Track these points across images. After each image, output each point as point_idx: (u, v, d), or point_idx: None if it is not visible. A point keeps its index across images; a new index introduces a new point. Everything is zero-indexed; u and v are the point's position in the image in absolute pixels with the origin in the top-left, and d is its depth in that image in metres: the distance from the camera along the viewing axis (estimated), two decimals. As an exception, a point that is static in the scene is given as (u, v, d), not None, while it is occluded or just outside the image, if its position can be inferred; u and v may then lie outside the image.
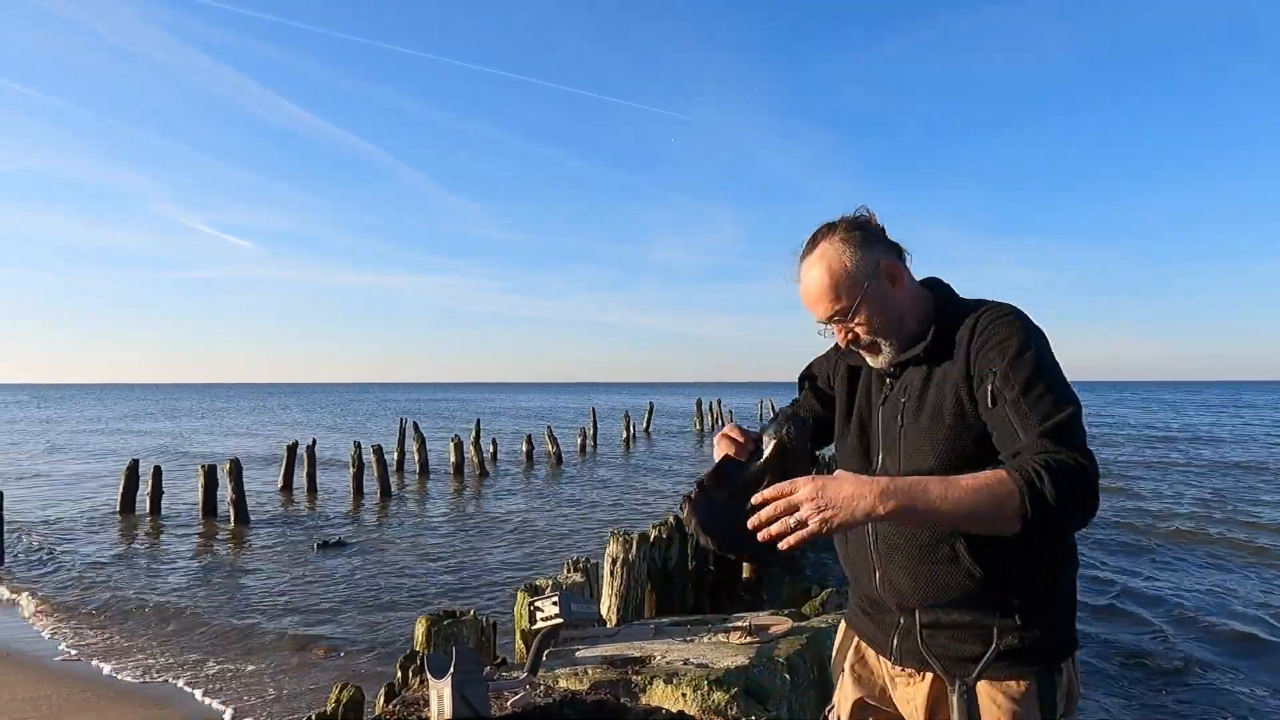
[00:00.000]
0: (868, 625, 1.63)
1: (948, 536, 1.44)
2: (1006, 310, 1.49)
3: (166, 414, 60.91)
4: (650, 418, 39.91)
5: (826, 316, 1.56)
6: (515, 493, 17.84)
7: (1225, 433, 35.70)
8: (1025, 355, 1.39)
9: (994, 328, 1.45)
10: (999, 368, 1.40)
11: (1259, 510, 14.64)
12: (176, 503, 15.44)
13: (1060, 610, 1.49)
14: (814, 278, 1.55)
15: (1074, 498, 1.26)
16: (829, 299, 1.54)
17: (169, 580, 9.95)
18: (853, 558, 1.62)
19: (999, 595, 1.44)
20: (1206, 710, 5.76)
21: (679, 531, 6.38)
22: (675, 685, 2.68)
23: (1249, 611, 8.16)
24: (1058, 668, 1.46)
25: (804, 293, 1.57)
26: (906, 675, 1.55)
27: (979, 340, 1.45)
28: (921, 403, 1.51)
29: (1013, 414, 1.35)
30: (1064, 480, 1.26)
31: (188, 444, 32.07)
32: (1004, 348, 1.41)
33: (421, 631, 3.58)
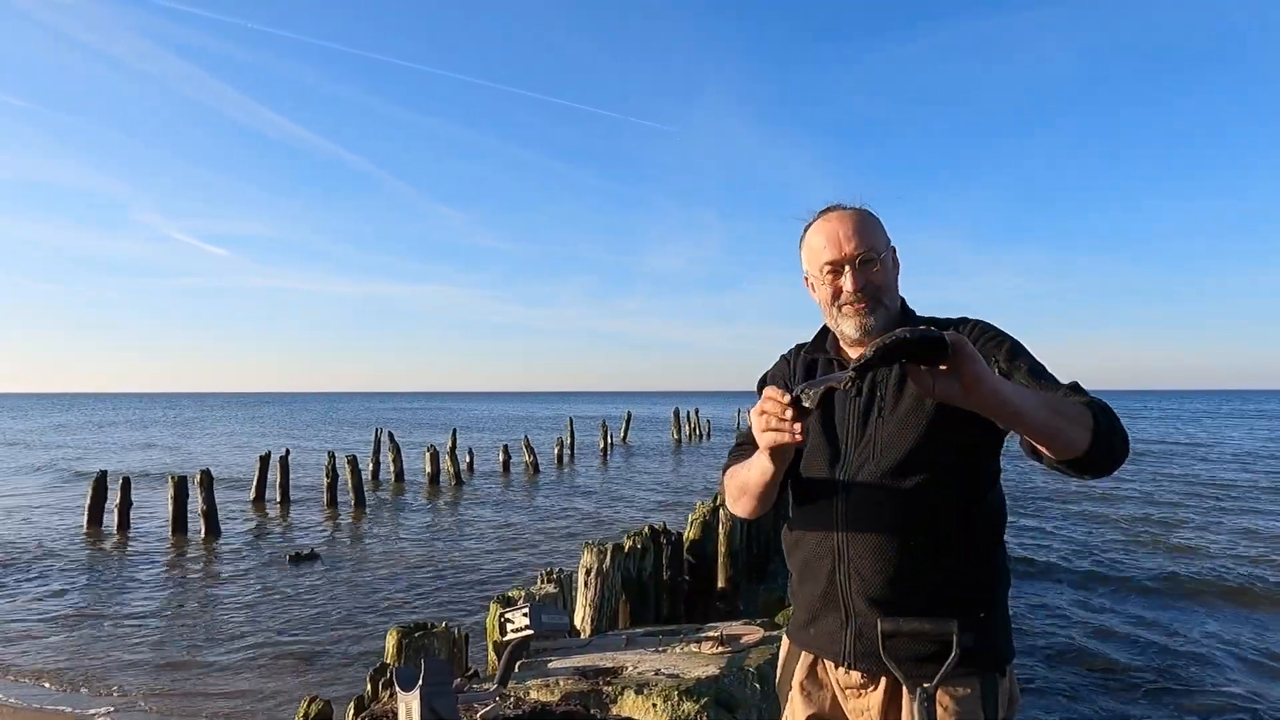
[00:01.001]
0: (817, 633, 1.60)
1: (921, 524, 1.48)
2: (984, 321, 1.60)
3: (138, 423, 59.92)
4: (628, 427, 39.90)
5: (856, 252, 1.56)
6: (491, 503, 17.74)
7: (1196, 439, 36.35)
8: (1020, 347, 1.52)
9: (982, 329, 1.58)
10: (999, 355, 1.49)
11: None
12: (146, 515, 15.18)
13: (1003, 615, 1.56)
14: (852, 215, 1.59)
15: (1119, 431, 1.36)
16: (865, 237, 1.57)
17: (135, 594, 9.77)
18: (809, 550, 1.60)
19: (957, 594, 1.48)
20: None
21: (653, 541, 6.38)
22: (646, 696, 2.69)
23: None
24: (1001, 671, 1.51)
25: (834, 229, 1.59)
26: (859, 687, 1.55)
27: (970, 336, 1.54)
28: (900, 394, 1.55)
29: (1031, 381, 1.42)
30: (1115, 418, 1.37)
31: (155, 454, 31.55)
32: (999, 342, 1.53)
33: (392, 643, 3.55)
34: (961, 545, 1.50)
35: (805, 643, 1.65)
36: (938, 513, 1.49)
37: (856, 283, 1.56)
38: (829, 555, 1.55)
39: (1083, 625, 8.04)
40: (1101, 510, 15.69)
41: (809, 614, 1.62)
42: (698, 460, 28.82)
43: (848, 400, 1.61)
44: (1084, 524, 14.12)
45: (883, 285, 1.59)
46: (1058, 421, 1.30)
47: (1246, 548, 11.98)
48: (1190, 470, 23.54)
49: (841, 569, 1.53)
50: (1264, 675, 6.63)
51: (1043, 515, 14.91)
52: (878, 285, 1.58)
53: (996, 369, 1.44)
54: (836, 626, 1.55)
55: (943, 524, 1.49)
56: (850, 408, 1.61)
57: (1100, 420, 1.33)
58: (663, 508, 16.56)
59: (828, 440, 1.63)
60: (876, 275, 1.58)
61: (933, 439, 1.50)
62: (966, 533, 1.51)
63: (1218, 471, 23.32)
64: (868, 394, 1.60)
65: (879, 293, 1.58)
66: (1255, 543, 12.42)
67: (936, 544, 1.48)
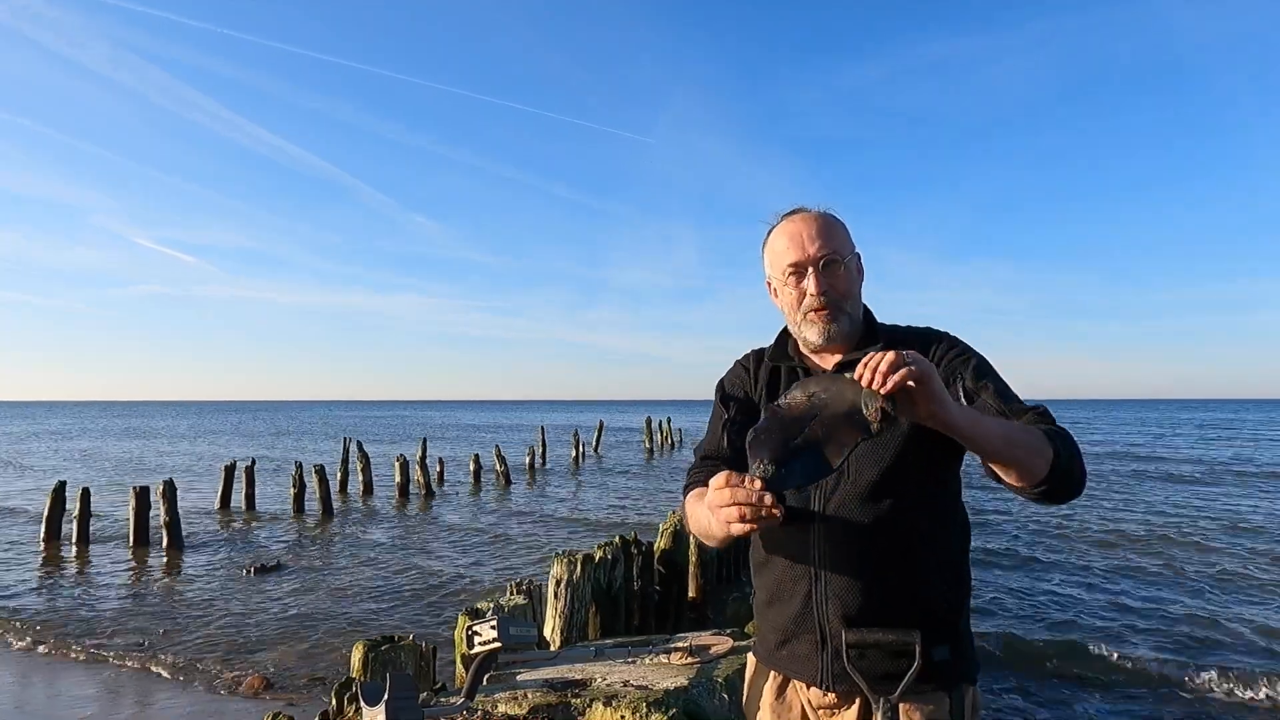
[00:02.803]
0: (790, 655, 1.57)
1: (898, 546, 1.47)
2: (951, 335, 1.62)
3: (102, 433, 58.60)
4: (600, 436, 39.81)
5: (819, 254, 1.54)
6: (461, 513, 17.59)
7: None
8: (987, 366, 1.54)
9: (948, 345, 1.58)
10: (965, 373, 1.50)
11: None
12: (107, 526, 14.84)
13: (968, 628, 1.57)
14: (816, 218, 1.58)
15: (1078, 461, 1.38)
16: (829, 239, 1.55)
17: (93, 608, 9.53)
18: (781, 571, 1.57)
19: (934, 613, 1.49)
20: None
21: (624, 552, 6.37)
22: (614, 708, 2.68)
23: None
24: (966, 687, 1.52)
25: (797, 230, 1.57)
26: (831, 708, 1.53)
27: (937, 353, 1.55)
28: None
29: (997, 402, 1.45)
30: (1076, 449, 1.39)
31: (119, 464, 30.88)
32: (965, 360, 1.54)
33: (358, 657, 3.50)
34: (937, 565, 1.51)
35: (777, 664, 1.61)
36: (914, 533, 1.49)
37: (819, 286, 1.54)
38: (804, 578, 1.53)
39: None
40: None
41: (781, 635, 1.58)
42: (669, 469, 28.83)
43: None
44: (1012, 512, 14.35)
45: (845, 291, 1.57)
46: (1016, 451, 1.32)
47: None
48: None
49: (818, 591, 1.51)
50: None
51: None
52: (840, 290, 1.56)
53: (961, 388, 1.46)
54: (811, 649, 1.52)
55: (919, 545, 1.49)
56: None
57: (1060, 451, 1.35)
58: (634, 517, 16.53)
59: None
60: (840, 280, 1.56)
61: (905, 459, 1.49)
62: (941, 552, 1.52)
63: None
64: None
65: (842, 298, 1.57)
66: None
67: (913, 565, 1.48)
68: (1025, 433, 1.35)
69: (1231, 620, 8.50)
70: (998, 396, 1.46)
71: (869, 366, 1.21)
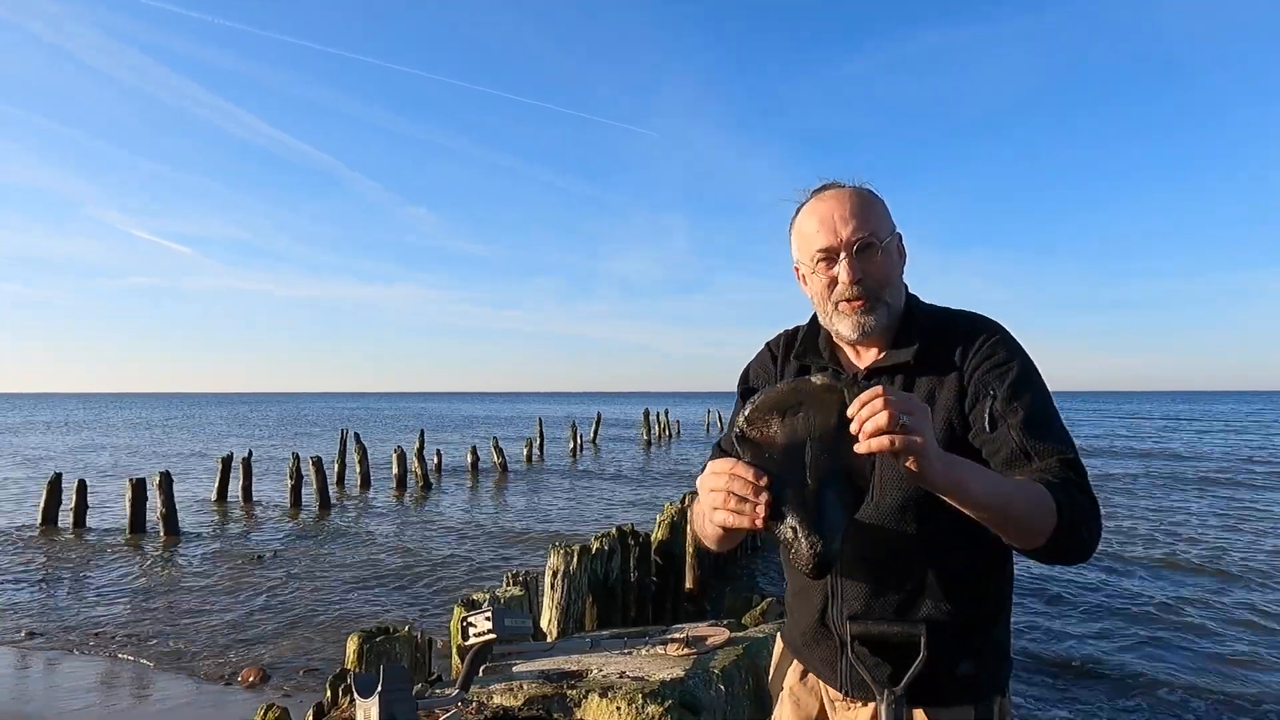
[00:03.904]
0: (811, 656, 1.55)
1: (924, 565, 1.39)
2: (998, 330, 1.42)
3: (99, 424, 58.53)
4: (598, 428, 39.82)
5: (853, 237, 1.37)
6: (458, 504, 17.59)
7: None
8: (1027, 381, 1.34)
9: (990, 348, 1.38)
10: (999, 390, 1.33)
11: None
12: (103, 517, 14.82)
13: (1003, 639, 1.50)
14: (850, 195, 1.40)
15: (1093, 529, 1.24)
16: (864, 219, 1.38)
17: (88, 598, 9.53)
18: (801, 580, 1.52)
19: (958, 628, 1.41)
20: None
21: (621, 543, 6.37)
22: (610, 699, 2.67)
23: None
24: (996, 698, 1.46)
25: (829, 211, 1.39)
26: (848, 703, 1.51)
27: (975, 359, 1.38)
28: None
29: (1021, 437, 1.29)
30: (1088, 511, 1.24)
31: (117, 456, 30.84)
32: (1003, 371, 1.35)
33: (353, 649, 3.49)
34: (966, 585, 1.40)
35: (801, 658, 1.59)
36: (943, 554, 1.38)
37: (853, 273, 1.37)
38: (820, 592, 1.48)
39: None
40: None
41: (804, 637, 1.56)
42: (667, 461, 28.85)
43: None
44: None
45: (883, 278, 1.40)
46: (1009, 519, 1.19)
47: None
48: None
49: (835, 608, 1.46)
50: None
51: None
52: (877, 278, 1.39)
53: (988, 411, 1.32)
54: (831, 655, 1.50)
55: (949, 566, 1.39)
56: None
57: (1065, 519, 1.20)
58: (631, 508, 16.54)
59: None
60: (876, 266, 1.39)
61: None
62: (972, 572, 1.41)
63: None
64: None
65: (879, 287, 1.39)
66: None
67: (940, 586, 1.38)
68: (1026, 498, 1.19)
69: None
70: (1024, 430, 1.29)
71: (859, 418, 1.07)
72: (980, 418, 1.32)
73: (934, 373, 1.39)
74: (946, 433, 1.34)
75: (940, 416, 1.36)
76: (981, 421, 1.32)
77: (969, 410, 1.35)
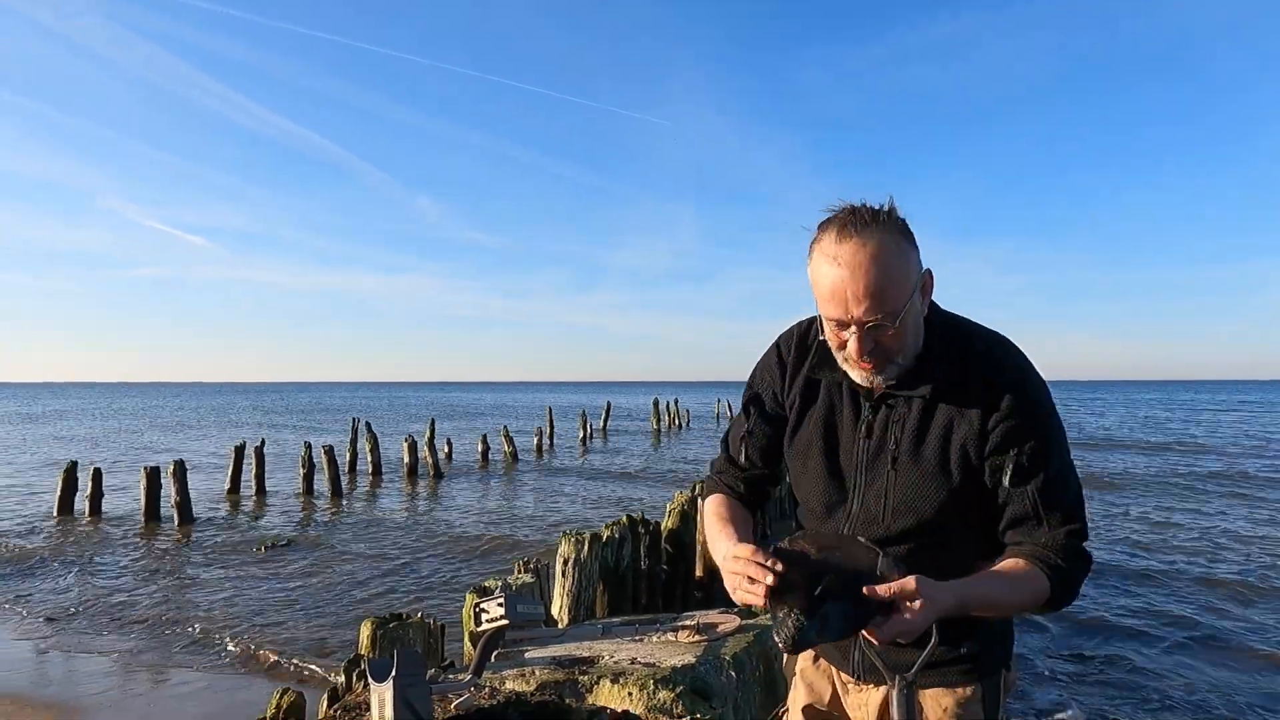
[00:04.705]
0: (825, 645, 1.57)
1: (930, 562, 1.38)
2: (1026, 377, 1.39)
3: (111, 414, 59.03)
4: (607, 417, 39.88)
5: (866, 318, 1.30)
6: (470, 493, 17.67)
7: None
8: (1053, 441, 1.36)
9: (1021, 399, 1.36)
10: (1028, 448, 1.34)
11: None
12: (118, 506, 14.97)
13: (1007, 620, 1.54)
14: (867, 272, 1.27)
15: (1070, 596, 1.37)
16: (877, 301, 1.28)
17: (105, 585, 9.64)
18: None
19: (949, 622, 1.41)
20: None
21: (632, 531, 6.39)
22: (622, 685, 2.69)
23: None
24: (1002, 672, 1.51)
25: (843, 284, 1.29)
26: (860, 684, 1.54)
27: (1004, 410, 1.35)
28: (920, 446, 1.39)
29: (1039, 500, 1.34)
30: (1080, 577, 1.36)
31: (129, 445, 31.12)
32: (1033, 428, 1.35)
33: (367, 635, 3.52)
34: (965, 565, 1.41)
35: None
36: (953, 562, 1.38)
37: (863, 346, 1.33)
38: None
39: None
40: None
41: None
42: (677, 450, 28.89)
43: (855, 436, 1.45)
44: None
45: (898, 347, 1.35)
46: (997, 612, 1.37)
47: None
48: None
49: None
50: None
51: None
52: (891, 348, 1.35)
53: (1009, 467, 1.34)
54: (844, 641, 1.51)
55: (956, 561, 1.39)
56: (858, 447, 1.44)
57: (1054, 598, 1.33)
58: (641, 497, 16.58)
59: (830, 478, 1.48)
60: (890, 339, 1.33)
61: (958, 501, 1.38)
62: (979, 563, 1.42)
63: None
64: (879, 434, 1.42)
65: (890, 353, 1.36)
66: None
67: (948, 577, 1.39)
68: (1018, 599, 1.33)
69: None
70: (1041, 495, 1.34)
71: (896, 616, 1.21)
72: (1004, 468, 1.35)
73: (953, 404, 1.38)
74: (962, 465, 1.37)
75: (955, 448, 1.37)
76: (1004, 472, 1.35)
77: (988, 455, 1.37)
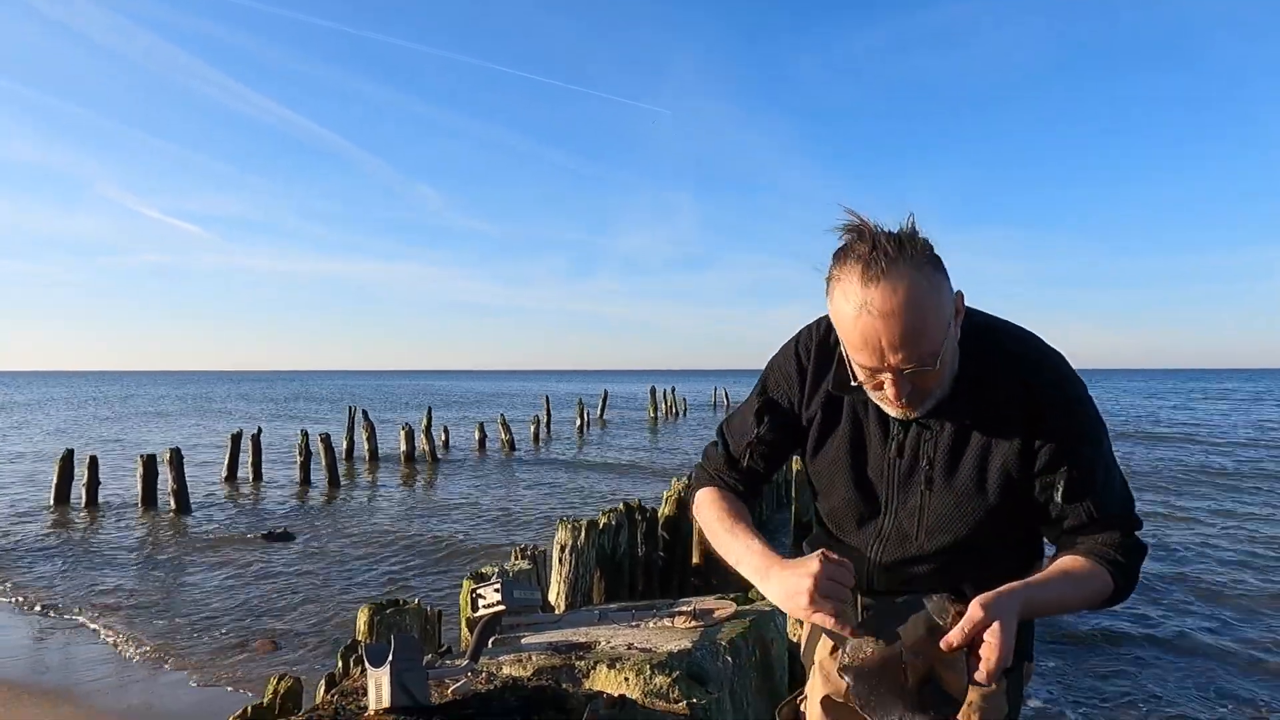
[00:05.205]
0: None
1: (958, 574, 1.41)
2: (1070, 388, 1.33)
3: (105, 401, 58.92)
4: (605, 405, 39.90)
5: (905, 367, 1.21)
6: (467, 481, 17.69)
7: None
8: (1100, 449, 1.32)
9: (1063, 407, 1.30)
10: (1078, 465, 1.30)
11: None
12: (115, 494, 14.96)
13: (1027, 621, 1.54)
14: (901, 320, 1.17)
15: (1131, 588, 1.35)
16: (915, 348, 1.20)
17: (102, 573, 9.65)
18: None
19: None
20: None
21: (629, 518, 6.40)
22: (618, 669, 2.69)
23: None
24: (1024, 663, 1.50)
25: (876, 334, 1.19)
26: None
27: (1049, 425, 1.29)
28: (955, 465, 1.34)
29: (1094, 510, 1.31)
30: (1139, 568, 1.35)
31: (125, 435, 31.08)
32: (1080, 442, 1.30)
33: (364, 621, 3.53)
34: (1002, 579, 1.39)
35: (831, 635, 1.62)
36: (986, 570, 1.37)
37: (900, 390, 1.25)
38: (852, 604, 1.48)
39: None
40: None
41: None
42: (674, 437, 28.93)
43: (885, 454, 1.39)
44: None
45: (935, 385, 1.28)
46: (1064, 611, 1.34)
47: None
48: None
49: (859, 600, 1.49)
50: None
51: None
52: (927, 388, 1.27)
53: (1061, 483, 1.30)
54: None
55: (987, 570, 1.38)
56: (890, 466, 1.39)
57: (1117, 593, 1.32)
58: (638, 484, 16.62)
59: (862, 496, 1.43)
60: (927, 379, 1.25)
61: (995, 520, 1.35)
62: (1008, 569, 1.39)
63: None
64: (910, 454, 1.37)
65: (928, 392, 1.28)
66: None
67: (977, 587, 1.36)
68: (1084, 596, 1.30)
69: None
70: (1093, 511, 1.30)
71: (985, 658, 1.16)
72: (1052, 488, 1.31)
73: (992, 425, 1.32)
74: (1001, 486, 1.33)
75: (994, 469, 1.33)
76: (1053, 492, 1.31)
77: (1037, 474, 1.32)
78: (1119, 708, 5.61)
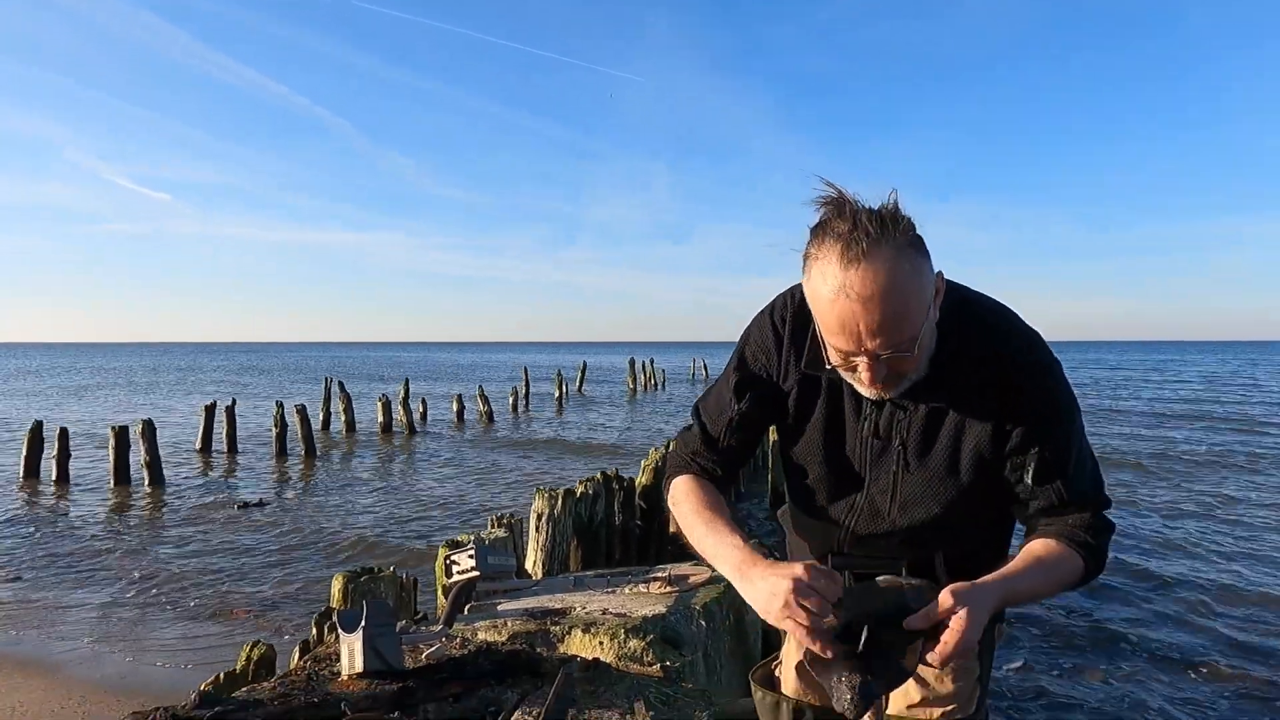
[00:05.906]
0: None
1: (930, 547, 1.45)
2: (1045, 370, 1.32)
3: (76, 373, 57.98)
4: (583, 377, 39.89)
5: (881, 351, 1.19)
6: (444, 452, 17.66)
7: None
8: (1072, 430, 1.33)
9: (1038, 387, 1.30)
10: (1049, 446, 1.30)
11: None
12: (86, 467, 14.77)
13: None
14: (881, 305, 1.15)
15: (1099, 570, 1.37)
16: (894, 334, 1.18)
17: (75, 544, 9.55)
18: (804, 555, 1.57)
19: (958, 568, 1.44)
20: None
21: (606, 487, 6.42)
22: (593, 634, 2.71)
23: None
24: (997, 624, 1.51)
25: (854, 318, 1.16)
26: None
27: (1024, 406, 1.30)
28: (928, 445, 1.35)
29: (1064, 492, 1.32)
30: (1108, 546, 1.36)
31: (96, 406, 30.64)
32: (1052, 422, 1.31)
33: (338, 588, 3.52)
34: (973, 555, 1.45)
35: None
36: (958, 548, 1.44)
37: (876, 375, 1.24)
38: (825, 554, 1.52)
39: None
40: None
41: None
42: (653, 409, 29.02)
43: (859, 432, 1.39)
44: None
45: (911, 368, 1.26)
46: (1039, 598, 1.38)
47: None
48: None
49: (838, 560, 1.50)
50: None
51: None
52: (903, 371, 1.26)
53: (1032, 464, 1.31)
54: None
55: (958, 544, 1.44)
56: (864, 445, 1.39)
57: (1088, 574, 1.33)
58: (616, 454, 16.67)
59: (836, 471, 1.43)
60: (905, 364, 1.24)
61: (967, 500, 1.37)
62: (980, 543, 1.46)
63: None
64: (884, 433, 1.37)
65: (904, 376, 1.27)
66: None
67: (947, 560, 1.46)
68: (1056, 581, 1.32)
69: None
70: (1063, 492, 1.32)
71: (947, 642, 1.17)
72: (1023, 469, 1.32)
73: (966, 405, 1.32)
74: (974, 466, 1.34)
75: (967, 450, 1.33)
76: (1023, 473, 1.32)
77: (1008, 454, 1.33)
78: (1090, 673, 5.77)
